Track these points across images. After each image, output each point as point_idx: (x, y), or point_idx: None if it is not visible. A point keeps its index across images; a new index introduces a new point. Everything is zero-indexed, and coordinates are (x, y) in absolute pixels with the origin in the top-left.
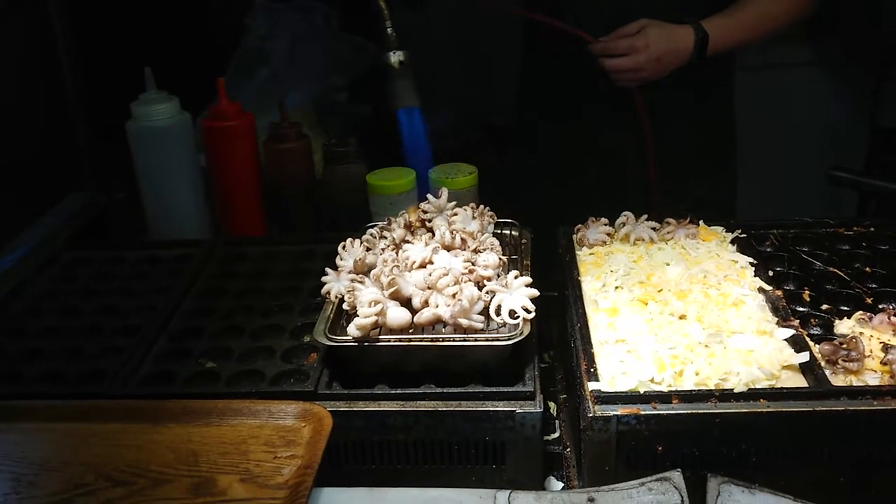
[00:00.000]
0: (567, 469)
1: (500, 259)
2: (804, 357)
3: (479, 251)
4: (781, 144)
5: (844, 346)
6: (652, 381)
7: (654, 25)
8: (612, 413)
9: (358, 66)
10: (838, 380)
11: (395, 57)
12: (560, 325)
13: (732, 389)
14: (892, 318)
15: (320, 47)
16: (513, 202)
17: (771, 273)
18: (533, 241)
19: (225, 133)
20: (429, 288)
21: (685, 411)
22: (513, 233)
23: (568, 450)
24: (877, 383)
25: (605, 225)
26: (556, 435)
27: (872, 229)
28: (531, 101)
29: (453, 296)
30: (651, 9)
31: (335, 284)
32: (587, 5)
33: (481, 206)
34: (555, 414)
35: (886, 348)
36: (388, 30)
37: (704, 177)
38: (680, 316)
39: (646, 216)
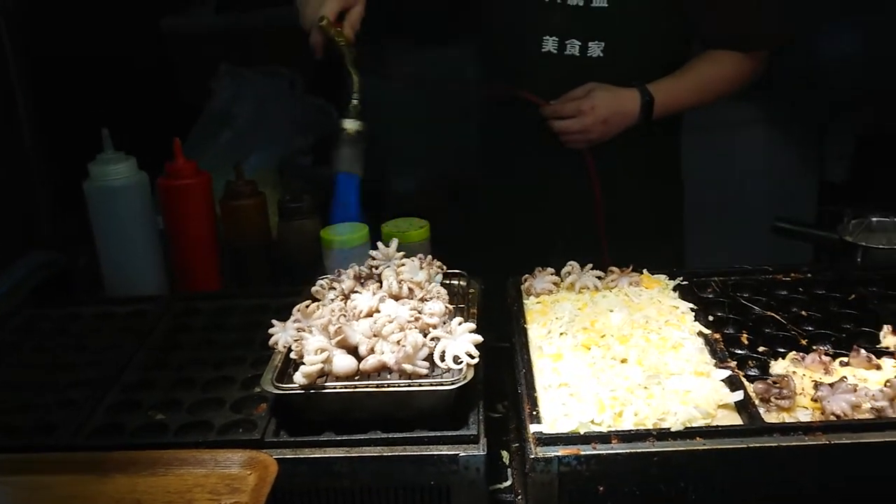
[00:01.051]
0: None
1: (445, 307)
2: (739, 396)
3: (426, 300)
4: (737, 199)
5: (777, 384)
6: (592, 422)
7: (600, 88)
8: (553, 454)
9: (322, 129)
10: (772, 417)
11: (352, 125)
12: (512, 375)
13: (670, 428)
14: (824, 357)
15: (284, 111)
16: (469, 256)
17: (711, 318)
18: (488, 293)
19: (181, 191)
20: (374, 335)
21: (624, 451)
22: (461, 283)
23: (519, 497)
24: (808, 419)
25: (552, 275)
26: (509, 483)
27: (809, 275)
28: (488, 160)
29: (398, 342)
30: (603, 75)
31: (282, 334)
32: (544, 76)
33: (429, 257)
34: (507, 462)
35: (817, 386)
36: (354, 101)
37: (653, 233)
38: (622, 360)
39: (591, 265)
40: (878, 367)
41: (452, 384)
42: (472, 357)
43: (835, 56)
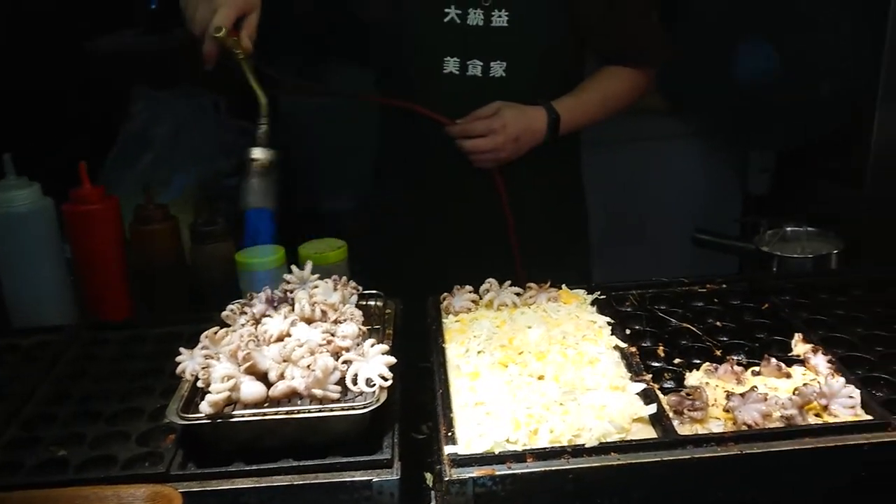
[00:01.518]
0: None
1: (359, 329)
2: (652, 409)
3: (340, 322)
4: (664, 212)
5: (690, 396)
6: (508, 441)
7: (508, 107)
8: (467, 476)
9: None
10: (685, 429)
11: (260, 154)
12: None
13: (584, 445)
14: (736, 367)
15: (206, 133)
16: (391, 276)
17: (628, 331)
18: (410, 313)
19: (87, 217)
20: (284, 361)
21: (539, 469)
22: (377, 303)
23: None
24: (721, 430)
25: (471, 292)
26: None
27: (724, 286)
28: (398, 178)
29: (308, 367)
30: (506, 94)
31: (189, 362)
32: (447, 98)
33: (344, 278)
34: (431, 485)
35: (729, 396)
36: (263, 125)
37: (560, 250)
38: (539, 376)
39: (509, 282)
40: (789, 376)
41: (365, 408)
42: (385, 379)
43: (754, 73)
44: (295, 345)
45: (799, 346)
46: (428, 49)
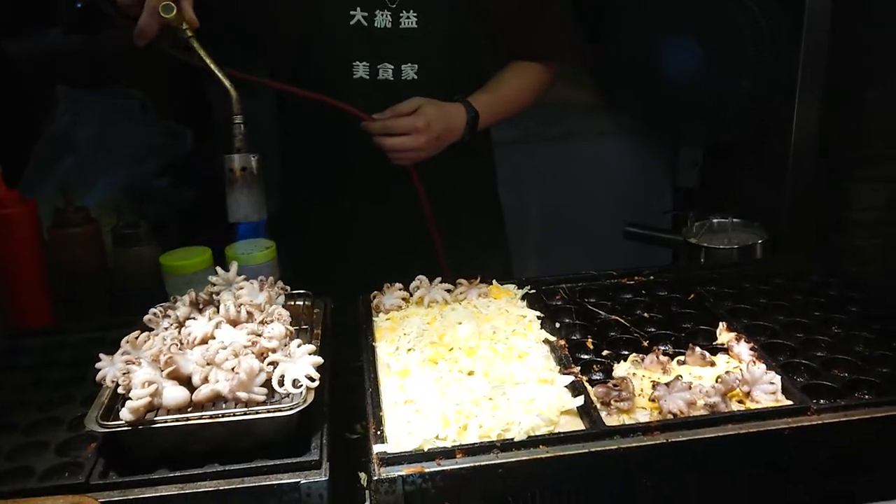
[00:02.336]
0: None
1: (286, 329)
2: (580, 401)
3: (266, 323)
4: (597, 207)
5: (617, 387)
6: (437, 438)
7: (429, 104)
8: (397, 474)
9: (176, 152)
10: (613, 420)
11: (239, 163)
12: None
13: (513, 439)
14: (661, 357)
15: (132, 134)
16: (322, 276)
17: (558, 325)
18: (341, 312)
19: (2, 221)
20: (208, 364)
21: (468, 464)
22: (306, 303)
23: None
24: (647, 420)
25: (401, 290)
26: None
27: (651, 278)
28: (318, 176)
29: (232, 370)
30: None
31: (110, 369)
32: (358, 103)
33: (270, 278)
34: (365, 485)
35: (655, 386)
36: (238, 122)
37: (479, 246)
38: (468, 372)
39: (439, 279)
40: (713, 364)
41: (292, 409)
42: (312, 380)
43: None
44: (218, 347)
45: (723, 335)
46: (336, 54)
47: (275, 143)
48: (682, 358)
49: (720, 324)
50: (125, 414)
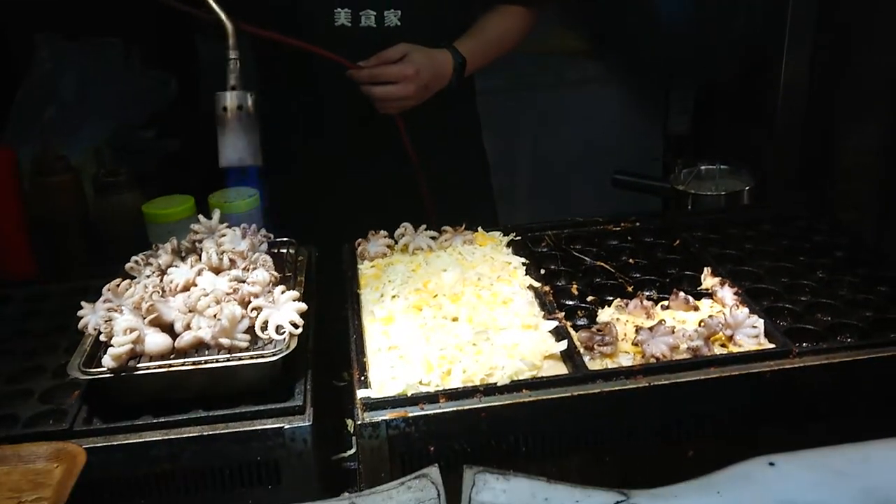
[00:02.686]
0: (360, 484)
1: (270, 275)
2: (563, 346)
3: (249, 270)
4: (587, 155)
5: (600, 331)
6: (420, 383)
7: (416, 51)
8: (380, 418)
9: (160, 101)
10: (596, 364)
11: (233, 101)
12: None
13: (496, 383)
14: (645, 302)
15: (115, 82)
16: (306, 224)
17: (543, 271)
18: (328, 261)
19: None
20: (190, 311)
21: (452, 409)
22: (290, 251)
23: (361, 465)
24: (630, 364)
25: (385, 237)
26: (353, 451)
27: (637, 224)
28: (306, 126)
29: (214, 316)
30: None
31: (91, 316)
32: (332, 32)
33: (253, 226)
34: (351, 431)
35: (638, 330)
36: (233, 60)
37: (465, 190)
38: (452, 318)
39: (424, 226)
40: (696, 309)
41: (274, 355)
42: (296, 326)
43: (666, 16)
44: (200, 294)
45: (707, 280)
46: (317, 1)
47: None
48: (665, 303)
49: (705, 269)
50: (107, 361)
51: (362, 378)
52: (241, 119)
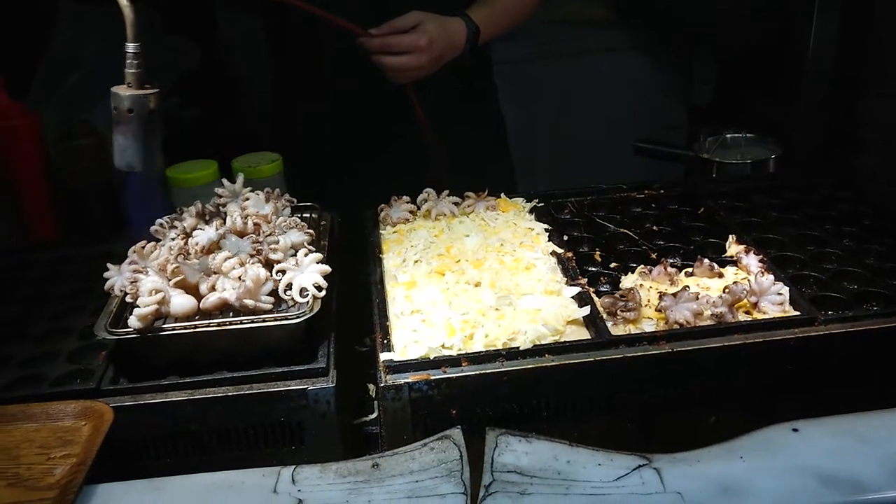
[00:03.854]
0: (382, 447)
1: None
2: (586, 311)
3: (274, 234)
4: (610, 124)
5: (623, 297)
6: (443, 346)
7: (430, 20)
8: (403, 381)
9: (183, 69)
10: (619, 330)
11: (126, 101)
12: None
13: (519, 347)
14: (669, 269)
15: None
16: (330, 189)
17: (566, 237)
18: (351, 227)
19: (6, 134)
20: (215, 273)
21: (474, 372)
22: (313, 216)
23: (384, 429)
24: (653, 330)
25: (408, 203)
26: (375, 415)
27: (662, 191)
28: (318, 93)
29: (239, 278)
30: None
31: (117, 278)
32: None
33: (277, 190)
34: (373, 395)
35: (662, 296)
36: (132, 51)
37: (482, 158)
38: (475, 283)
39: (447, 192)
40: (721, 276)
41: (298, 317)
42: (319, 289)
43: None
44: (225, 256)
45: (732, 248)
46: None
47: (265, 58)
48: (690, 269)
49: (730, 237)
50: (133, 321)
51: (385, 341)
52: (133, 121)
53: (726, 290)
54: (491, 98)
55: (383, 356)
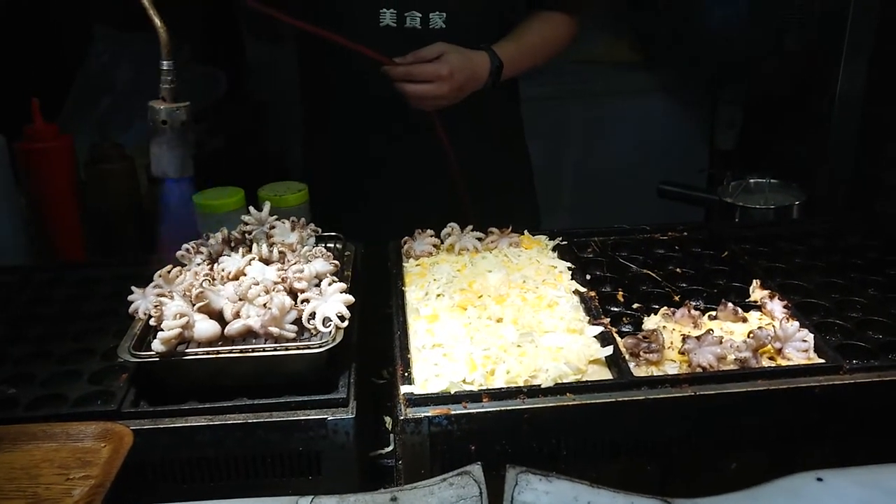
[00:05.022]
0: (398, 481)
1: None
2: (608, 351)
3: (299, 262)
4: (631, 165)
5: (646, 338)
6: (464, 381)
7: (453, 51)
8: (423, 415)
9: (210, 97)
10: (641, 371)
11: (167, 114)
12: None
13: (540, 385)
14: (693, 311)
15: None
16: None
17: (588, 276)
18: (371, 258)
19: (40, 155)
20: (240, 299)
21: (494, 409)
22: (337, 245)
23: (400, 462)
24: (676, 372)
25: (432, 237)
26: (391, 448)
27: (685, 234)
28: (348, 127)
29: (264, 305)
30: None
31: (142, 301)
32: (377, 33)
33: (302, 219)
34: (390, 428)
35: (685, 339)
36: (165, 70)
37: (507, 194)
38: (497, 319)
39: (471, 227)
40: (745, 320)
41: (321, 347)
42: (342, 319)
43: (720, 27)
44: (251, 283)
45: (756, 293)
46: (362, 0)
47: (298, 90)
48: (713, 313)
49: (754, 281)
50: (157, 345)
51: (406, 374)
52: (167, 132)
53: (751, 335)
54: (517, 132)
55: (404, 389)
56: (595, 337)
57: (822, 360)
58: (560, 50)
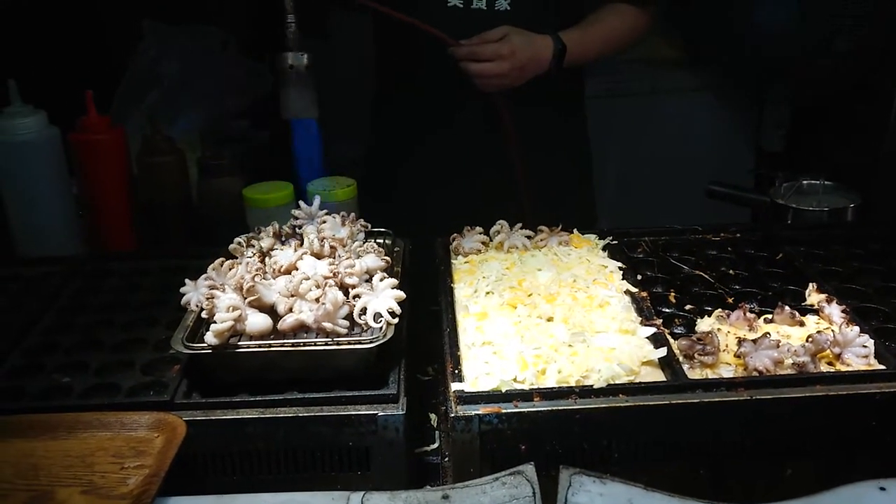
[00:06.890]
0: (444, 478)
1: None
2: (662, 352)
3: (351, 257)
4: (678, 164)
5: (701, 341)
6: (515, 380)
7: (516, 33)
8: (473, 413)
9: (256, 92)
10: (695, 373)
11: (293, 59)
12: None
13: (593, 386)
14: (748, 314)
15: (214, 71)
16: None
17: (639, 277)
18: (421, 255)
19: (93, 147)
20: (292, 295)
21: (546, 408)
22: (386, 241)
23: (447, 458)
24: (731, 376)
25: (480, 234)
26: (436, 445)
27: (738, 235)
28: (399, 117)
29: (317, 300)
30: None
31: (194, 294)
32: (450, 31)
33: (352, 214)
34: (435, 425)
35: (741, 342)
36: (290, 25)
37: (566, 189)
38: (547, 318)
39: (520, 225)
40: (802, 324)
41: (372, 342)
42: (393, 315)
43: (769, 26)
44: (302, 278)
45: (813, 296)
46: None
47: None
48: (769, 316)
49: (810, 285)
50: (209, 337)
51: (456, 371)
52: (294, 77)
53: (809, 340)
54: (580, 128)
55: (454, 386)
56: (648, 338)
57: (883, 367)
58: (629, 43)
